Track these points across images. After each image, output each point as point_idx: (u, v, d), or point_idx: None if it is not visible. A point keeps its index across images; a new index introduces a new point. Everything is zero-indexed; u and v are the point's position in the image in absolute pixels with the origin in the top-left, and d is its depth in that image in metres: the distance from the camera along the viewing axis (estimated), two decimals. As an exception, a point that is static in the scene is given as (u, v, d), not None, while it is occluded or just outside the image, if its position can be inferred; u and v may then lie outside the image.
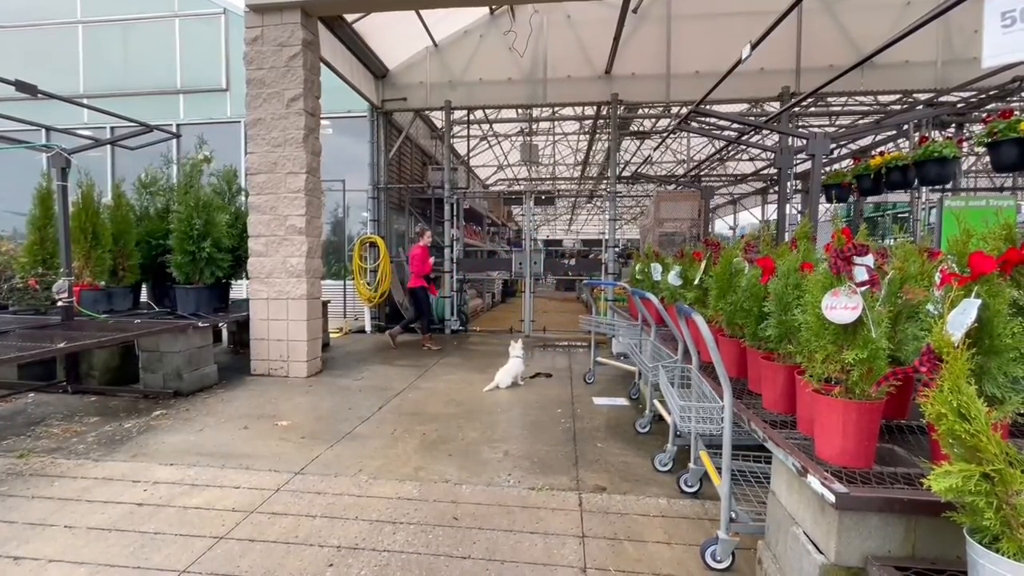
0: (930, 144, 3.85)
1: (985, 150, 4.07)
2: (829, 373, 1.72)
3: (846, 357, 1.61)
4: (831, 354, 1.68)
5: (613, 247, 8.60)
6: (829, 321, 1.66)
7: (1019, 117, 3.16)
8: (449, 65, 8.89)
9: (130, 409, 4.32)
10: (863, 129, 6.76)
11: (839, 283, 1.66)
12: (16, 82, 3.55)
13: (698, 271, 3.57)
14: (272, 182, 5.43)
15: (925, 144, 3.89)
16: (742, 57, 3.22)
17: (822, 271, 1.73)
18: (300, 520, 2.54)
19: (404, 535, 2.42)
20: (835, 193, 5.29)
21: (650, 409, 3.87)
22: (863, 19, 8.28)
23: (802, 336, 2.01)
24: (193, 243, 5.24)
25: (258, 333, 5.51)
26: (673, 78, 8.60)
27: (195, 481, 2.96)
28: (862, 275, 1.63)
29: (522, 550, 2.31)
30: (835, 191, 5.27)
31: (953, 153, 3.82)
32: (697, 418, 2.23)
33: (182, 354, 4.69)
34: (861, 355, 1.58)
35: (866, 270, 1.62)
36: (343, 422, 4.06)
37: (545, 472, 3.16)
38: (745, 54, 3.16)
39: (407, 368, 6.03)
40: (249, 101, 5.45)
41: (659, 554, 2.30)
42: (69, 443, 3.52)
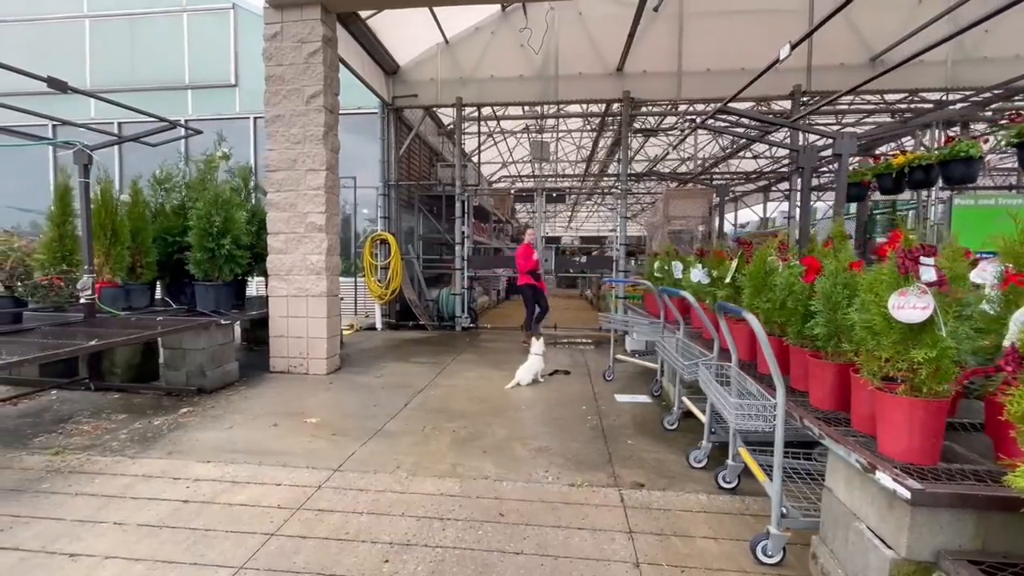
0: (957, 143, 3.89)
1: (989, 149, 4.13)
2: (892, 372, 1.75)
3: (915, 356, 1.63)
4: (898, 353, 1.70)
5: (624, 244, 8.62)
6: (896, 320, 1.68)
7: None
8: (460, 62, 8.87)
9: (156, 406, 4.31)
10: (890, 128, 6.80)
11: (906, 283, 1.68)
12: (48, 79, 3.53)
13: (728, 269, 3.60)
14: (292, 179, 5.42)
15: (951, 143, 3.93)
16: (780, 57, 3.23)
17: (887, 271, 1.75)
18: (348, 517, 2.56)
19: (454, 531, 2.44)
20: (853, 191, 5.33)
21: (678, 406, 3.90)
22: (874, 18, 8.31)
23: (857, 335, 2.04)
24: (213, 240, 5.22)
25: (277, 330, 5.51)
26: (684, 75, 8.61)
27: (235, 478, 2.97)
28: (930, 275, 1.66)
29: (573, 545, 2.34)
30: (853, 189, 5.31)
31: (979, 152, 3.86)
32: (750, 415, 2.25)
33: (205, 351, 4.68)
34: (931, 354, 1.61)
35: (935, 270, 1.65)
36: (371, 419, 4.07)
37: (581, 469, 3.19)
38: (784, 54, 3.17)
39: (424, 365, 6.04)
40: (268, 98, 5.43)
41: (708, 549, 2.33)
42: (102, 440, 3.52)
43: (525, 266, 7.39)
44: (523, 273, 7.42)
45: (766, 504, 2.72)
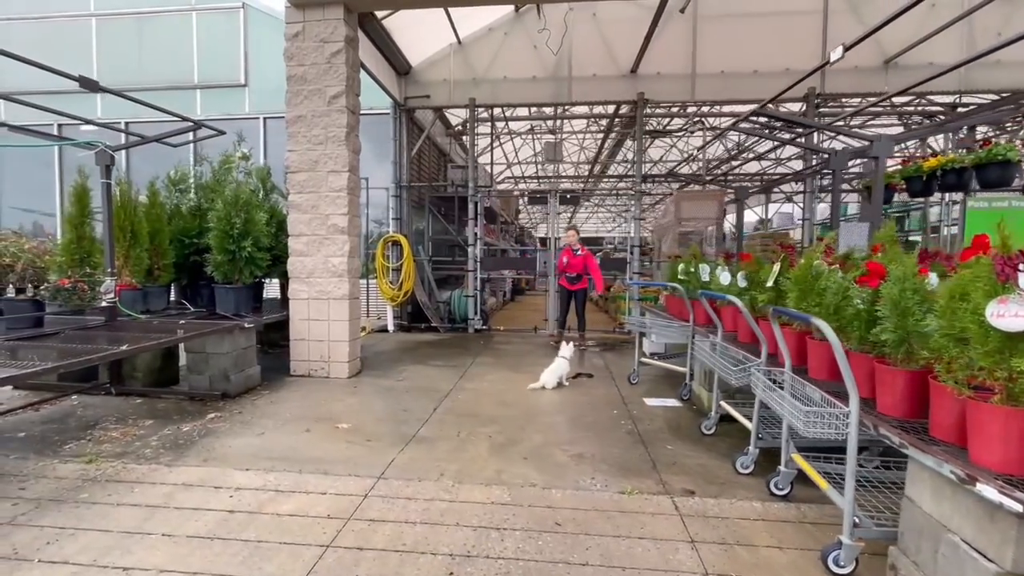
0: (994, 147, 3.88)
1: None
2: (987, 380, 1.72)
3: (1018, 365, 1.60)
4: (995, 362, 1.67)
5: (638, 246, 8.59)
6: (994, 328, 1.65)
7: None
8: (472, 63, 8.82)
9: (181, 411, 4.23)
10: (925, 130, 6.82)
11: (1005, 291, 1.65)
12: (80, 78, 3.45)
13: (771, 273, 3.56)
14: (313, 180, 5.35)
15: (988, 147, 3.92)
16: (830, 60, 3.20)
17: (984, 278, 1.71)
18: (402, 527, 2.50)
19: (513, 542, 2.39)
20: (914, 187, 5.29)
21: (715, 411, 3.86)
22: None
23: (936, 341, 2.01)
24: (233, 242, 5.14)
25: (298, 333, 5.43)
26: (698, 78, 8.60)
27: (278, 487, 2.90)
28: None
29: (637, 556, 2.29)
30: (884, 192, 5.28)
31: (1017, 156, 3.85)
32: (821, 423, 2.21)
33: (229, 355, 4.61)
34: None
35: (1036, 277, 1.61)
36: (403, 424, 4.01)
37: (626, 475, 3.14)
38: (835, 57, 3.14)
39: (444, 368, 5.98)
40: (289, 98, 5.36)
41: (774, 559, 2.29)
42: (134, 447, 3.44)
43: (561, 268, 7.49)
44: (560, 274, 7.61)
45: (823, 512, 2.70)
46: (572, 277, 7.41)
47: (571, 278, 7.41)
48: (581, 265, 7.37)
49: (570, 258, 7.36)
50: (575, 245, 7.47)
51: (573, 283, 7.44)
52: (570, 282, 7.44)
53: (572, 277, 7.41)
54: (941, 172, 4.37)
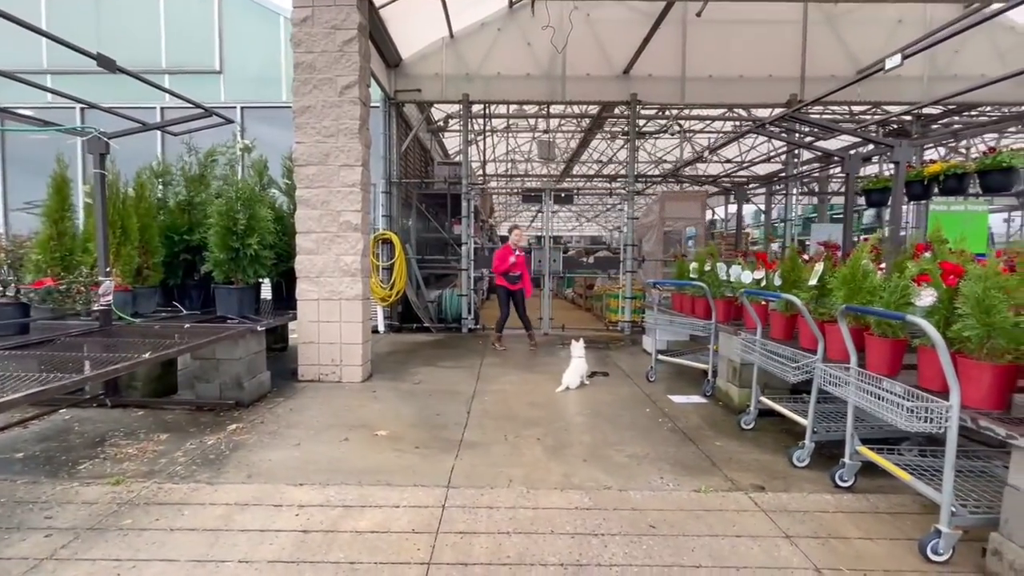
0: (998, 153, 4.18)
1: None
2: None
3: None
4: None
5: (631, 245, 8.71)
6: (1122, 324, 1.75)
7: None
8: (465, 58, 8.65)
9: (194, 423, 3.90)
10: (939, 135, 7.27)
11: None
12: (98, 56, 3.08)
13: (812, 272, 3.67)
14: (324, 175, 5.06)
15: (993, 154, 4.22)
16: (885, 67, 3.32)
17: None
18: (497, 539, 2.39)
19: (617, 547, 2.33)
20: (874, 197, 5.62)
21: (755, 406, 3.95)
22: (860, 33, 8.82)
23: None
24: (237, 239, 4.79)
25: (307, 336, 5.13)
26: (688, 81, 8.81)
27: (344, 502, 2.71)
28: None
29: (743, 554, 2.29)
30: (875, 195, 5.60)
31: (1021, 163, 4.17)
32: (920, 418, 2.29)
33: (242, 361, 4.29)
34: None
35: None
36: (443, 429, 3.86)
37: (691, 473, 3.15)
38: (891, 64, 3.27)
39: (455, 370, 5.83)
40: (296, 87, 5.05)
41: (870, 551, 2.35)
42: (160, 465, 3.13)
43: (499, 267, 7.09)
44: (497, 274, 7.20)
45: (891, 501, 2.81)
46: (515, 277, 7.17)
47: (514, 278, 7.17)
48: (523, 266, 7.23)
49: (515, 258, 7.10)
50: (518, 244, 7.26)
51: (515, 283, 7.20)
52: (512, 282, 7.18)
53: (515, 277, 7.17)
54: (944, 177, 4.65)
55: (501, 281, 7.19)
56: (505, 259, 7.06)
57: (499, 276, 7.17)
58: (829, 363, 3.18)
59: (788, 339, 3.91)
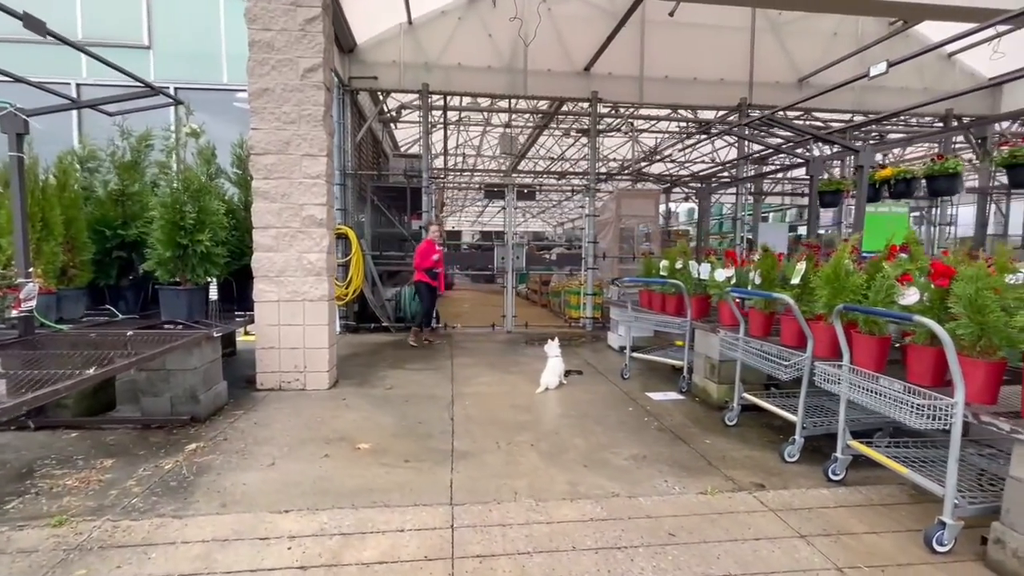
0: (946, 160, 4.52)
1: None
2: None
3: None
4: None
5: (594, 242, 8.75)
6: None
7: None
8: (424, 46, 8.30)
9: (143, 444, 3.43)
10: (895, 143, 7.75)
11: None
12: (24, 16, 2.55)
13: (795, 271, 3.78)
14: (284, 165, 4.64)
15: (942, 160, 4.55)
16: (871, 74, 3.45)
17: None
18: (519, 560, 2.24)
19: (644, 560, 2.25)
20: (827, 199, 5.96)
21: (738, 403, 4.03)
22: (801, 44, 9.34)
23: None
24: (186, 235, 4.28)
25: (267, 341, 4.70)
26: (646, 81, 8.96)
27: (340, 529, 2.45)
28: None
29: (767, 559, 2.29)
30: (828, 196, 5.93)
31: (962, 169, 4.52)
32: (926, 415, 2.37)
33: (197, 371, 3.83)
34: None
35: None
36: (429, 439, 3.65)
37: (692, 474, 3.15)
38: (875, 72, 3.39)
39: (426, 372, 5.58)
40: (252, 67, 4.57)
41: (879, 545, 2.42)
42: (109, 497, 2.70)
43: (422, 263, 6.95)
44: (419, 270, 7.03)
45: (884, 493, 2.93)
46: (436, 273, 7.14)
47: (435, 274, 7.11)
48: (441, 262, 7.24)
49: (437, 254, 7.06)
50: (439, 240, 7.18)
51: (436, 279, 7.18)
52: (434, 278, 7.12)
53: (436, 273, 7.14)
54: (894, 181, 4.98)
55: (423, 277, 7.05)
56: (429, 255, 6.96)
57: (420, 272, 7.02)
58: (819, 360, 3.28)
59: (767, 336, 4.02)
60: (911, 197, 5.34)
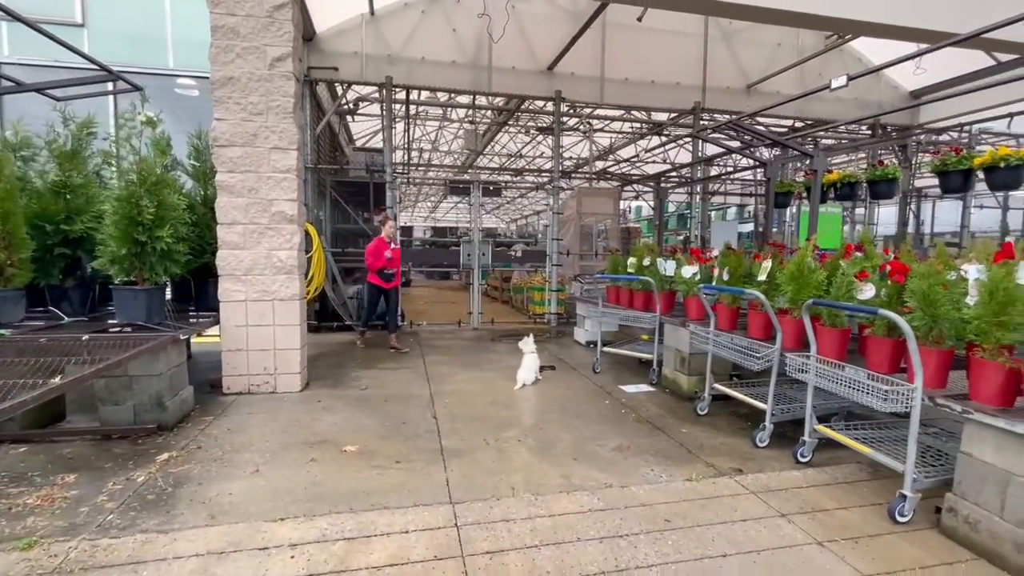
0: (886, 167, 4.95)
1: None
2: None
3: (1079, 344, 2.11)
4: (1056, 342, 2.17)
5: (557, 239, 8.90)
6: (1059, 316, 2.14)
7: (968, 154, 4.29)
8: (387, 38, 8.11)
9: (106, 456, 3.20)
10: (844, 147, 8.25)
11: (1065, 287, 2.15)
12: None
13: (761, 269, 4.04)
14: (251, 158, 4.42)
15: (883, 167, 4.98)
16: (832, 86, 3.71)
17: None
18: (528, 554, 2.29)
19: (647, 547, 2.36)
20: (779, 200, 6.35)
21: (709, 393, 4.25)
22: (749, 52, 9.86)
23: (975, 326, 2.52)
24: (144, 231, 4.00)
25: (233, 343, 4.48)
26: (607, 82, 9.18)
27: (343, 534, 2.40)
28: (1078, 281, 2.14)
29: (756, 538, 2.46)
30: (781, 197, 6.33)
31: (900, 175, 4.97)
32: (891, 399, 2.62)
33: (163, 376, 3.60)
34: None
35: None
36: (416, 438, 3.62)
37: (676, 462, 3.31)
38: (836, 84, 3.66)
39: (400, 371, 5.51)
40: (215, 54, 4.33)
41: (850, 519, 2.66)
42: (81, 515, 2.51)
43: (375, 264, 6.47)
44: (372, 271, 6.55)
45: (846, 471, 3.20)
46: (389, 274, 6.63)
47: (388, 275, 6.63)
48: (398, 261, 6.78)
49: (390, 252, 6.58)
50: (391, 238, 6.69)
51: (390, 280, 6.69)
52: (387, 280, 6.65)
53: (389, 274, 6.63)
54: (840, 184, 5.39)
55: (374, 279, 6.58)
56: (380, 254, 6.46)
57: (372, 273, 6.55)
58: (787, 352, 3.52)
59: (733, 329, 4.27)
60: (854, 199, 5.81)
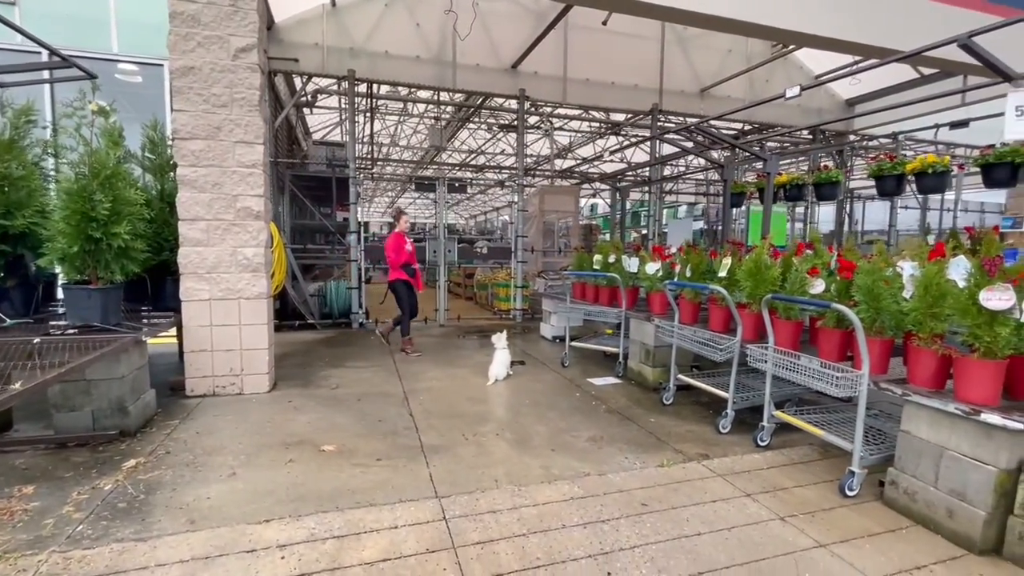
0: (829, 171, 5.34)
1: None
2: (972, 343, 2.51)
3: (1000, 331, 2.40)
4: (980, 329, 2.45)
5: (522, 236, 9.01)
6: (984, 307, 2.43)
7: (900, 160, 4.70)
8: (349, 30, 7.94)
9: (66, 466, 3.03)
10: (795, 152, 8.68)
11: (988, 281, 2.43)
12: None
13: (721, 266, 4.28)
14: (215, 151, 4.26)
15: (827, 171, 5.37)
16: (786, 95, 3.97)
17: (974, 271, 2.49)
18: (517, 543, 2.37)
19: (629, 530, 2.50)
20: (734, 199, 6.72)
21: (673, 383, 4.47)
22: (701, 57, 10.29)
23: (912, 318, 2.80)
24: (99, 227, 3.79)
25: (197, 343, 4.32)
26: (569, 82, 9.35)
27: (332, 532, 2.41)
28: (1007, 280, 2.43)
29: (725, 516, 2.65)
30: (735, 198, 6.70)
31: (841, 178, 5.38)
32: (842, 385, 2.87)
33: (126, 380, 3.44)
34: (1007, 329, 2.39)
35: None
36: (396, 436, 3.63)
37: (647, 450, 3.49)
38: (790, 93, 3.91)
39: (371, 369, 5.46)
40: (174, 42, 4.14)
41: (806, 496, 2.90)
42: (47, 527, 2.39)
43: (397, 260, 6.27)
44: (394, 268, 6.34)
45: (800, 453, 3.47)
46: (413, 269, 6.45)
47: (412, 270, 6.45)
48: (415, 256, 6.54)
49: (410, 246, 6.41)
50: (407, 232, 6.52)
51: (414, 276, 6.50)
52: (411, 275, 6.44)
53: (413, 269, 6.45)
54: (789, 186, 5.77)
55: (399, 274, 6.33)
56: (401, 248, 6.28)
57: (396, 269, 6.35)
58: (747, 343, 3.77)
59: (694, 323, 4.51)
60: (802, 200, 6.23)
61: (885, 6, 5.52)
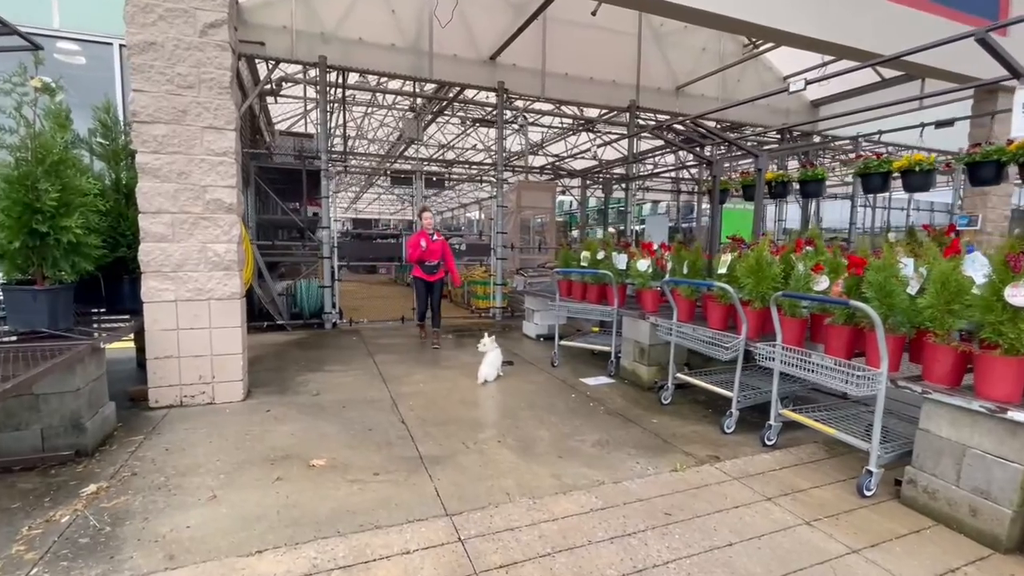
0: (815, 169, 5.38)
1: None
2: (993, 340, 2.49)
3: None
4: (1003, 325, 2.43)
5: (502, 232, 8.79)
6: (1009, 304, 2.40)
7: (887, 158, 4.77)
8: (320, 14, 7.50)
9: (13, 495, 2.63)
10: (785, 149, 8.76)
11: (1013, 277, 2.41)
12: None
13: (722, 262, 4.22)
14: (180, 137, 3.86)
15: (813, 169, 5.40)
16: (788, 90, 3.91)
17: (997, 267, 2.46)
18: (542, 563, 2.18)
19: (658, 543, 2.35)
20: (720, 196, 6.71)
21: (672, 383, 4.38)
22: (677, 55, 10.34)
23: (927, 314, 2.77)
24: (45, 220, 3.35)
25: (162, 349, 3.90)
26: (548, 76, 9.18)
27: (336, 563, 2.15)
28: (1021, 273, 2.42)
29: (752, 524, 2.54)
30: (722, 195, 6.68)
31: (826, 176, 5.45)
32: (861, 384, 2.82)
33: (81, 393, 3.04)
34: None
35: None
36: (390, 446, 3.37)
37: (657, 453, 3.36)
38: (793, 88, 3.86)
39: (351, 373, 5.14)
40: (132, 13, 3.70)
41: (824, 497, 2.84)
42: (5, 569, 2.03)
43: (410, 257, 6.41)
44: (413, 264, 6.51)
45: (808, 452, 3.43)
46: (431, 266, 6.46)
47: (430, 267, 6.46)
48: (439, 253, 6.52)
49: (428, 243, 6.36)
50: (431, 229, 6.51)
51: (432, 273, 6.50)
52: (429, 272, 6.47)
53: (431, 266, 6.46)
54: (775, 183, 5.80)
55: (417, 271, 6.51)
56: (416, 244, 6.32)
57: (416, 266, 6.49)
58: (751, 341, 3.71)
59: (691, 320, 4.44)
60: (786, 197, 6.29)
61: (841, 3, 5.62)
